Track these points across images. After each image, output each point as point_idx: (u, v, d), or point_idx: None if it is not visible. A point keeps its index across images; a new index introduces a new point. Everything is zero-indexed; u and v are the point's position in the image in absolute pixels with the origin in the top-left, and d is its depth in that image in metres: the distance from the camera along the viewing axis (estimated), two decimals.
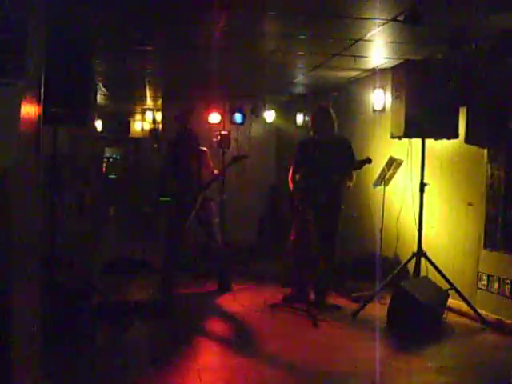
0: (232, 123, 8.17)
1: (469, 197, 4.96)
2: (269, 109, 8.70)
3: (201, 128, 7.50)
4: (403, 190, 5.56)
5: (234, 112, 8.12)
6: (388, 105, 5.82)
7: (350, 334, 4.50)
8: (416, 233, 4.92)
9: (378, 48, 5.24)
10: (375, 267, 5.33)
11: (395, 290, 4.57)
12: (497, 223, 4.61)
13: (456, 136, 4.85)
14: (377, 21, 4.29)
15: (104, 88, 8.05)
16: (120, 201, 12.93)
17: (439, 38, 4.77)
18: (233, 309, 5.20)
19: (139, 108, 11.24)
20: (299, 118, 8.46)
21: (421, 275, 4.84)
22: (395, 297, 4.56)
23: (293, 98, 8.94)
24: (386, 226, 5.76)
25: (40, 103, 2.53)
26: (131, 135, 13.10)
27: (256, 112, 8.50)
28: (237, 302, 5.33)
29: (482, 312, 4.67)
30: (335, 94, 7.19)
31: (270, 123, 9.06)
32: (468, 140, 4.96)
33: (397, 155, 5.45)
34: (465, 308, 4.81)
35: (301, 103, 8.58)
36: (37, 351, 2.59)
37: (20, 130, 2.01)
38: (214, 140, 7.76)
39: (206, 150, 5.90)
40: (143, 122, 12.60)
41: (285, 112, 9.32)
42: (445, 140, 4.96)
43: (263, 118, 8.77)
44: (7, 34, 1.97)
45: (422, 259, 4.83)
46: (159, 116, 10.32)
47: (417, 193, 4.94)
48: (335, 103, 6.82)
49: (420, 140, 4.90)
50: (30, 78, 2.22)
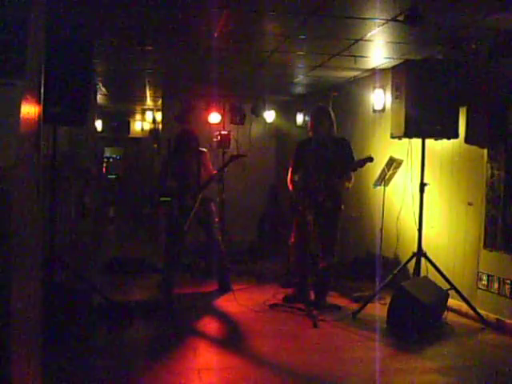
0: (232, 123, 8.19)
1: (469, 197, 4.97)
2: (269, 109, 8.71)
3: (201, 128, 7.52)
4: (403, 190, 5.57)
5: (234, 111, 8.15)
6: (388, 105, 5.83)
7: (350, 334, 4.50)
8: (416, 233, 4.92)
9: (378, 48, 5.24)
10: (375, 267, 5.34)
11: (395, 290, 4.57)
12: (497, 223, 4.61)
13: (456, 136, 4.86)
14: (377, 21, 4.30)
15: (104, 88, 8.06)
16: (120, 201, 12.94)
17: (439, 38, 4.77)
18: (233, 309, 5.20)
19: (139, 108, 11.25)
20: (299, 118, 8.47)
21: (421, 275, 4.84)
22: (395, 297, 4.56)
23: (293, 98, 8.94)
24: (386, 226, 5.76)
25: (40, 103, 2.53)
26: (131, 135, 13.11)
27: (256, 112, 8.51)
28: (237, 302, 5.33)
29: (482, 312, 4.67)
30: (335, 94, 7.19)
31: (270, 123, 9.07)
32: (468, 140, 4.96)
33: (397, 155, 5.46)
34: (465, 308, 4.82)
35: (301, 103, 8.59)
36: (37, 351, 2.59)
37: (20, 130, 2.01)
38: (214, 140, 7.78)
39: (206, 151, 5.90)
40: (143, 122, 12.61)
41: (285, 112, 9.32)
42: (445, 140, 4.96)
43: (263, 118, 8.78)
44: (7, 34, 1.97)
45: (422, 259, 4.83)
46: (159, 116, 10.33)
47: (417, 193, 4.94)
48: (335, 103, 6.82)
49: (420, 140, 4.90)
50: (30, 78, 2.22)
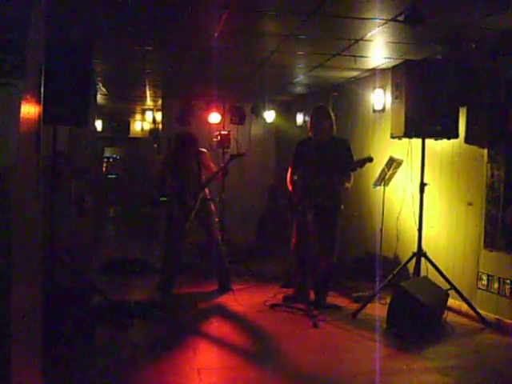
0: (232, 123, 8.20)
1: (469, 197, 4.97)
2: (269, 109, 8.71)
3: (201, 128, 7.52)
4: (403, 190, 5.57)
5: (235, 111, 8.15)
6: (388, 105, 5.83)
7: (350, 334, 4.50)
8: (416, 233, 4.92)
9: (378, 48, 5.24)
10: (375, 267, 5.33)
11: (395, 290, 4.57)
12: (497, 223, 4.61)
13: (456, 136, 4.86)
14: (377, 21, 4.30)
15: (104, 88, 8.06)
16: (120, 201, 12.94)
17: (439, 38, 4.77)
18: (233, 309, 5.20)
19: (139, 108, 11.25)
20: (299, 118, 8.47)
21: (421, 275, 4.84)
22: (395, 297, 4.56)
23: (293, 98, 8.94)
24: (386, 226, 5.76)
25: (40, 103, 2.53)
26: (131, 135, 13.11)
27: (256, 112, 8.51)
28: (237, 302, 5.33)
29: (482, 312, 4.67)
30: (335, 94, 7.19)
31: (270, 123, 9.07)
32: (468, 140, 4.96)
33: (397, 155, 5.46)
34: (465, 308, 4.82)
35: (301, 103, 8.59)
36: (37, 351, 2.59)
37: (20, 130, 2.01)
38: (214, 140, 7.77)
39: (206, 151, 5.90)
40: (143, 122, 12.61)
41: (285, 112, 9.32)
42: (445, 140, 4.96)
43: (263, 118, 8.78)
44: (7, 34, 1.97)
45: (422, 259, 4.83)
46: (159, 116, 10.33)
47: (417, 193, 4.94)
48: (335, 103, 6.82)
49: (420, 140, 4.90)
50: (30, 78, 2.22)
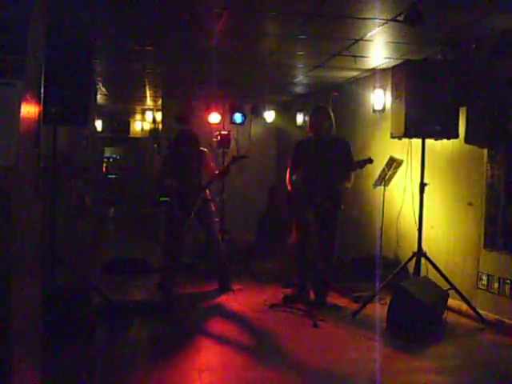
0: (232, 123, 8.18)
1: (469, 197, 4.97)
2: (269, 109, 8.71)
3: (201, 128, 7.51)
4: (403, 190, 5.56)
5: (234, 112, 8.13)
6: (388, 105, 5.82)
7: (350, 334, 4.50)
8: (416, 233, 4.92)
9: (378, 48, 5.24)
10: (375, 267, 5.33)
11: (395, 290, 4.57)
12: (497, 223, 4.61)
13: (456, 136, 4.85)
14: (377, 21, 4.30)
15: (104, 88, 8.06)
16: (120, 201, 12.94)
17: (439, 38, 4.77)
18: (233, 309, 5.20)
19: (139, 108, 11.25)
20: (299, 118, 8.47)
21: (421, 275, 4.84)
22: (395, 297, 4.56)
23: (293, 98, 8.94)
24: (386, 226, 5.76)
25: (40, 103, 2.53)
26: (131, 135, 13.11)
27: (256, 112, 8.51)
28: (237, 302, 5.33)
29: (482, 312, 4.67)
30: (335, 94, 7.19)
31: (270, 123, 9.07)
32: (468, 140, 4.96)
33: (397, 155, 5.46)
34: (465, 308, 4.82)
35: (301, 103, 8.59)
36: (37, 351, 2.59)
37: (20, 130, 2.01)
38: (214, 140, 7.77)
39: (206, 151, 5.90)
40: (143, 122, 12.61)
41: (285, 112, 9.32)
42: (445, 140, 4.96)
43: (263, 118, 8.78)
44: (7, 34, 1.97)
45: (422, 259, 4.83)
46: (159, 116, 10.33)
47: (417, 193, 4.94)
48: (335, 103, 6.82)
49: (420, 140, 4.90)
50: (30, 78, 2.22)
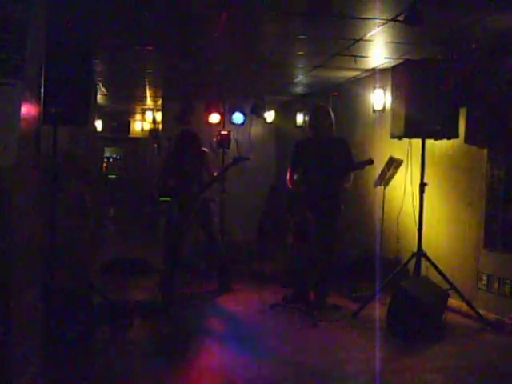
0: (232, 123, 8.18)
1: (469, 197, 4.97)
2: (269, 109, 8.70)
3: (201, 128, 7.51)
4: (403, 190, 5.56)
5: (234, 112, 8.12)
6: (388, 105, 5.82)
7: (350, 334, 4.50)
8: (416, 233, 4.92)
9: (378, 48, 5.24)
10: (375, 267, 5.33)
11: (395, 290, 4.57)
12: (497, 223, 4.61)
13: (456, 136, 4.85)
14: (377, 21, 4.29)
15: (104, 88, 8.05)
16: (120, 201, 12.94)
17: (439, 38, 4.77)
18: (233, 309, 5.20)
19: (139, 108, 11.24)
20: (299, 118, 8.46)
21: (421, 275, 4.84)
22: (395, 297, 4.56)
23: (293, 98, 8.94)
24: (386, 226, 5.76)
25: (40, 103, 2.53)
26: (131, 135, 13.10)
27: (256, 112, 8.50)
28: (237, 302, 5.33)
29: (482, 312, 4.67)
30: (335, 94, 7.19)
31: (270, 123, 9.06)
32: (468, 140, 4.96)
33: (397, 155, 5.45)
34: (465, 308, 4.81)
35: (301, 103, 8.58)
36: (37, 351, 2.59)
37: (20, 130, 2.01)
38: (214, 140, 7.77)
39: (208, 151, 5.90)
40: (143, 122, 12.60)
41: (285, 112, 9.32)
42: (445, 140, 4.96)
43: (263, 118, 8.78)
44: (7, 34, 1.97)
45: (422, 259, 4.83)
46: (159, 116, 10.33)
47: (417, 193, 4.94)
48: (335, 103, 6.82)
49: (420, 140, 4.90)
50: (30, 78, 2.22)
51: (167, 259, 5.76)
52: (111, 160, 14.37)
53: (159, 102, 9.66)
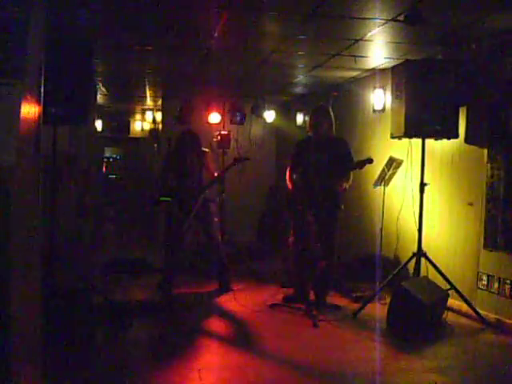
0: (232, 123, 8.19)
1: (469, 197, 4.96)
2: (269, 109, 8.70)
3: (201, 128, 7.51)
4: (403, 190, 5.56)
5: (234, 112, 8.13)
6: (388, 105, 5.83)
7: (350, 334, 4.50)
8: (416, 233, 4.92)
9: (378, 48, 5.24)
10: (375, 267, 5.33)
11: (395, 290, 4.57)
12: (497, 223, 4.61)
13: (456, 136, 4.85)
14: (377, 21, 4.30)
15: (104, 88, 8.05)
16: (120, 201, 12.93)
17: (439, 38, 4.77)
18: (233, 309, 5.20)
19: (139, 108, 11.24)
20: (299, 118, 8.46)
21: (421, 275, 4.84)
22: (395, 297, 4.56)
23: (293, 98, 8.94)
24: (386, 226, 5.76)
25: (40, 103, 2.53)
26: (131, 135, 13.10)
27: (256, 112, 8.51)
28: (237, 302, 5.33)
29: (482, 312, 4.67)
30: (335, 94, 7.19)
31: (270, 123, 9.07)
32: (468, 140, 4.96)
33: (397, 155, 5.45)
34: (465, 308, 4.82)
35: (301, 103, 8.58)
36: (37, 351, 2.59)
37: (20, 130, 2.01)
38: (214, 140, 7.77)
39: (208, 152, 5.90)
40: (143, 122, 12.60)
41: (285, 112, 9.32)
42: (445, 140, 4.96)
43: (263, 118, 8.78)
44: (7, 34, 1.97)
45: (422, 259, 4.83)
46: (159, 116, 10.33)
47: (417, 193, 4.94)
48: (335, 103, 6.82)
49: (420, 140, 4.90)
50: (30, 78, 2.22)
51: (167, 259, 5.76)
52: (111, 160, 14.36)
53: (159, 102, 9.66)
